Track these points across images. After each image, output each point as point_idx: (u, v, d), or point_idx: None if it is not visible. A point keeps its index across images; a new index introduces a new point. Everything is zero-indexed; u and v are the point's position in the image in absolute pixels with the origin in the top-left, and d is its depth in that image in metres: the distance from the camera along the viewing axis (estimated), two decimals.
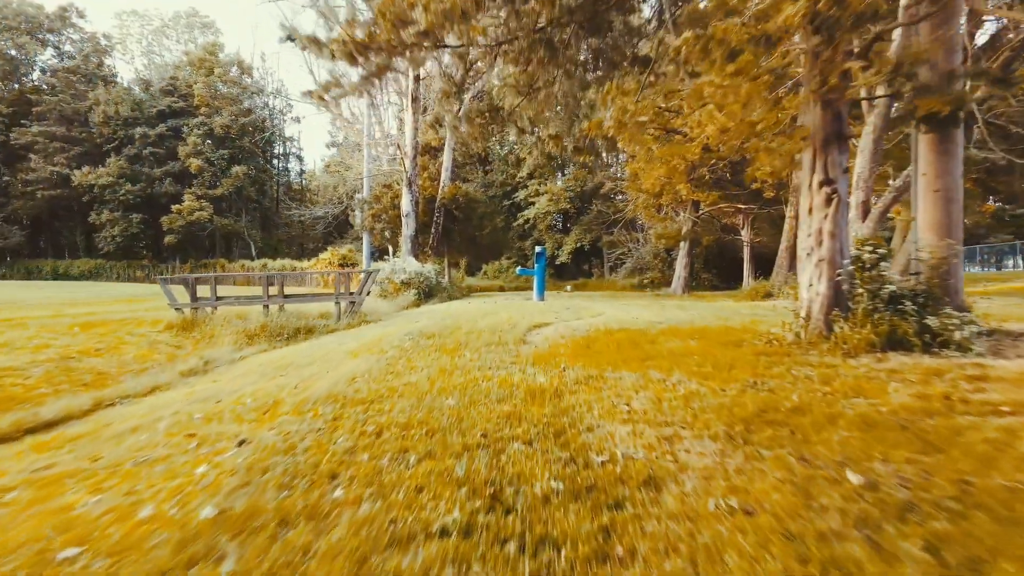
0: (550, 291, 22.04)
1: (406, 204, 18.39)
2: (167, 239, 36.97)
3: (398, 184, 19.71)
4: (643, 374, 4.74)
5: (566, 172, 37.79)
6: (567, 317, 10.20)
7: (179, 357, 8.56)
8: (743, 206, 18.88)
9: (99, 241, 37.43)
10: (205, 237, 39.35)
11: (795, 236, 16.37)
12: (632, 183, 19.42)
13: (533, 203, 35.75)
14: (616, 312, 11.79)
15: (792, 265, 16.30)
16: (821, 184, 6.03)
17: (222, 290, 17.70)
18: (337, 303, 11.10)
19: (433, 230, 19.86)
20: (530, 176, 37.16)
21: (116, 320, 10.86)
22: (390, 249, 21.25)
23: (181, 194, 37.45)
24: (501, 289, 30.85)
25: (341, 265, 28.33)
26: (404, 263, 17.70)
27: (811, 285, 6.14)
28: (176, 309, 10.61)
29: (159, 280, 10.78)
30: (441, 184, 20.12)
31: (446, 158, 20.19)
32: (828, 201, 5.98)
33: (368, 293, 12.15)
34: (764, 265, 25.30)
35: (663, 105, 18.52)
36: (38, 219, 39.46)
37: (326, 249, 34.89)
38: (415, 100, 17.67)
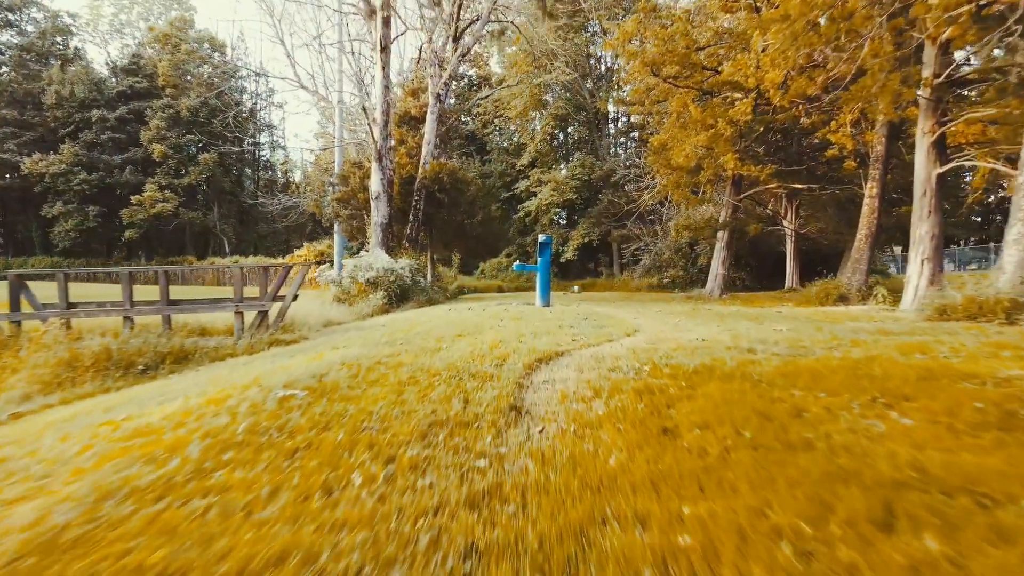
0: (555, 291, 18.26)
1: (375, 184, 14.61)
2: (127, 234, 33.16)
3: (369, 162, 15.97)
4: None
5: (571, 159, 34.05)
6: (589, 336, 6.41)
7: None
8: (801, 186, 14.98)
9: (53, 237, 33.70)
10: (170, 232, 35.53)
11: (878, 221, 12.57)
12: (657, 158, 15.58)
13: (535, 194, 32.05)
14: (656, 324, 7.99)
15: (875, 259, 12.48)
16: None
17: (83, 292, 14.05)
18: (238, 313, 7.37)
19: (411, 217, 16.05)
20: (531, 165, 33.45)
21: None
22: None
23: (144, 184, 33.68)
24: (500, 290, 27.10)
25: (319, 263, 24.87)
26: (371, 258, 13.97)
27: None
28: None
29: None
30: (422, 160, 16.24)
31: (428, 128, 16.30)
32: None
33: (295, 298, 8.42)
34: (812, 261, 21.35)
35: (698, 61, 14.77)
36: None
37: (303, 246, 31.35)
38: (385, 50, 13.86)
